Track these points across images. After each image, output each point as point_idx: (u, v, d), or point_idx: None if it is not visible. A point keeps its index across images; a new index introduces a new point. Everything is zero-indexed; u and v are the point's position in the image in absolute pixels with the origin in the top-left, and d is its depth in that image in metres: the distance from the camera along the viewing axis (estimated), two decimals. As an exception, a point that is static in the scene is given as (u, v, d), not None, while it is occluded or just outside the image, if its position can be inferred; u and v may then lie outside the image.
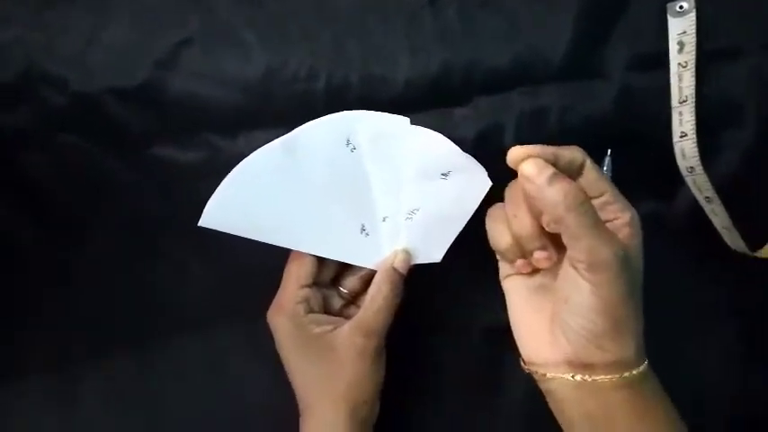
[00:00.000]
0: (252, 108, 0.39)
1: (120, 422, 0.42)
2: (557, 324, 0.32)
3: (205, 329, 0.42)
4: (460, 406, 0.43)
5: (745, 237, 0.39)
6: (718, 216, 0.39)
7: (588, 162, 0.33)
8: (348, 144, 0.35)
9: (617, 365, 0.31)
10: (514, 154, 0.32)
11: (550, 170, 0.31)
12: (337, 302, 0.38)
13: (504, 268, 0.36)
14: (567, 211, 0.30)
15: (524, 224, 0.33)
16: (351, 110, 0.38)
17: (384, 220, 0.37)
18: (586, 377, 0.31)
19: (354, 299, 0.39)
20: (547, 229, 0.32)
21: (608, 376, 0.31)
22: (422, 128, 0.36)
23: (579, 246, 0.30)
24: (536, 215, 0.32)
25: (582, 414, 0.32)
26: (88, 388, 0.42)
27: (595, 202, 0.33)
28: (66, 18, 0.38)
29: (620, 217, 0.33)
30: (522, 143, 0.38)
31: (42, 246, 0.42)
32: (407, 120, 0.36)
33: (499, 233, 0.34)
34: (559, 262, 0.33)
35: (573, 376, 0.31)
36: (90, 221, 0.41)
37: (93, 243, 0.42)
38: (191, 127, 0.39)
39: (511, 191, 0.34)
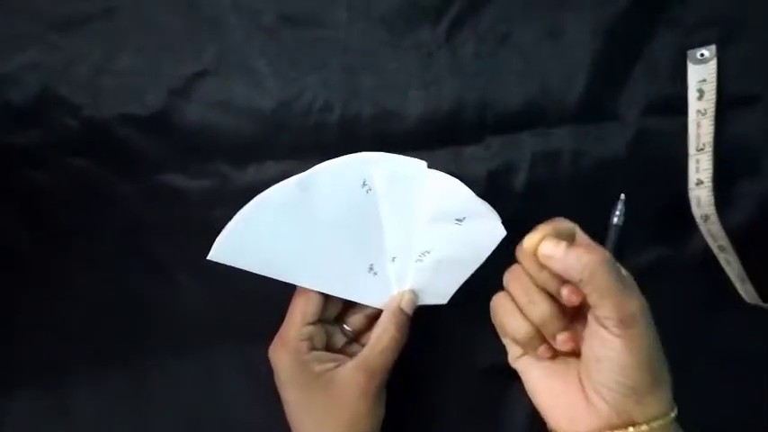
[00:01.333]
0: (263, 139, 0.38)
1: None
2: (591, 389, 0.32)
3: (200, 349, 0.42)
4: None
5: (758, 288, 0.38)
6: (732, 266, 0.39)
7: (578, 229, 0.35)
8: (364, 185, 0.35)
9: (656, 416, 0.31)
10: (532, 242, 0.33)
11: (563, 242, 0.32)
12: (340, 340, 0.38)
13: (513, 351, 0.36)
14: (594, 270, 0.30)
15: (543, 308, 0.33)
16: (363, 144, 0.38)
17: (393, 261, 0.37)
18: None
19: (358, 337, 0.38)
20: (567, 302, 0.32)
21: (647, 426, 0.31)
22: (439, 172, 0.35)
23: (608, 303, 0.30)
24: (554, 293, 0.33)
25: None
26: (81, 401, 0.42)
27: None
28: (81, 44, 0.38)
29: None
30: (534, 185, 0.39)
31: (41, 259, 0.42)
32: (424, 163, 0.35)
33: (516, 324, 0.34)
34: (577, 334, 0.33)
35: None
36: (93, 240, 0.41)
37: (94, 261, 0.42)
38: (201, 155, 0.39)
39: (517, 280, 0.34)
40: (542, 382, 0.34)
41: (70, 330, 0.42)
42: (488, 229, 0.35)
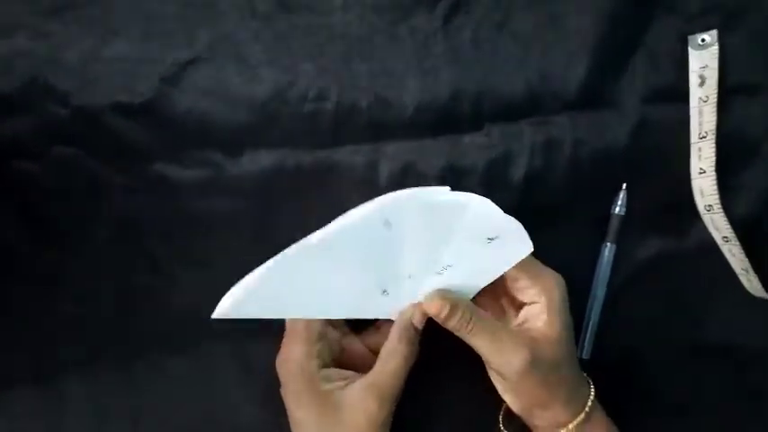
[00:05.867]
0: (257, 127, 0.38)
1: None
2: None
3: (194, 345, 0.41)
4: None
5: (763, 280, 0.38)
6: (736, 257, 0.38)
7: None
8: (386, 224, 0.34)
9: (557, 423, 0.33)
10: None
11: (447, 307, 0.33)
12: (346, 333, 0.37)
13: None
14: (465, 337, 0.33)
15: None
16: (358, 133, 0.37)
17: (409, 278, 0.35)
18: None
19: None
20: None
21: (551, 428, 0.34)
22: (469, 194, 0.34)
23: (485, 359, 0.34)
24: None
25: None
26: (76, 398, 0.41)
27: (513, 286, 0.35)
28: (71, 31, 0.37)
29: (537, 302, 0.34)
30: (534, 174, 0.38)
31: (33, 254, 0.41)
32: (448, 189, 0.34)
33: None
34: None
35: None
36: (84, 233, 0.40)
37: (85, 254, 0.40)
38: (194, 144, 0.38)
39: None
40: None
41: (64, 326, 0.41)
42: (516, 246, 0.34)
